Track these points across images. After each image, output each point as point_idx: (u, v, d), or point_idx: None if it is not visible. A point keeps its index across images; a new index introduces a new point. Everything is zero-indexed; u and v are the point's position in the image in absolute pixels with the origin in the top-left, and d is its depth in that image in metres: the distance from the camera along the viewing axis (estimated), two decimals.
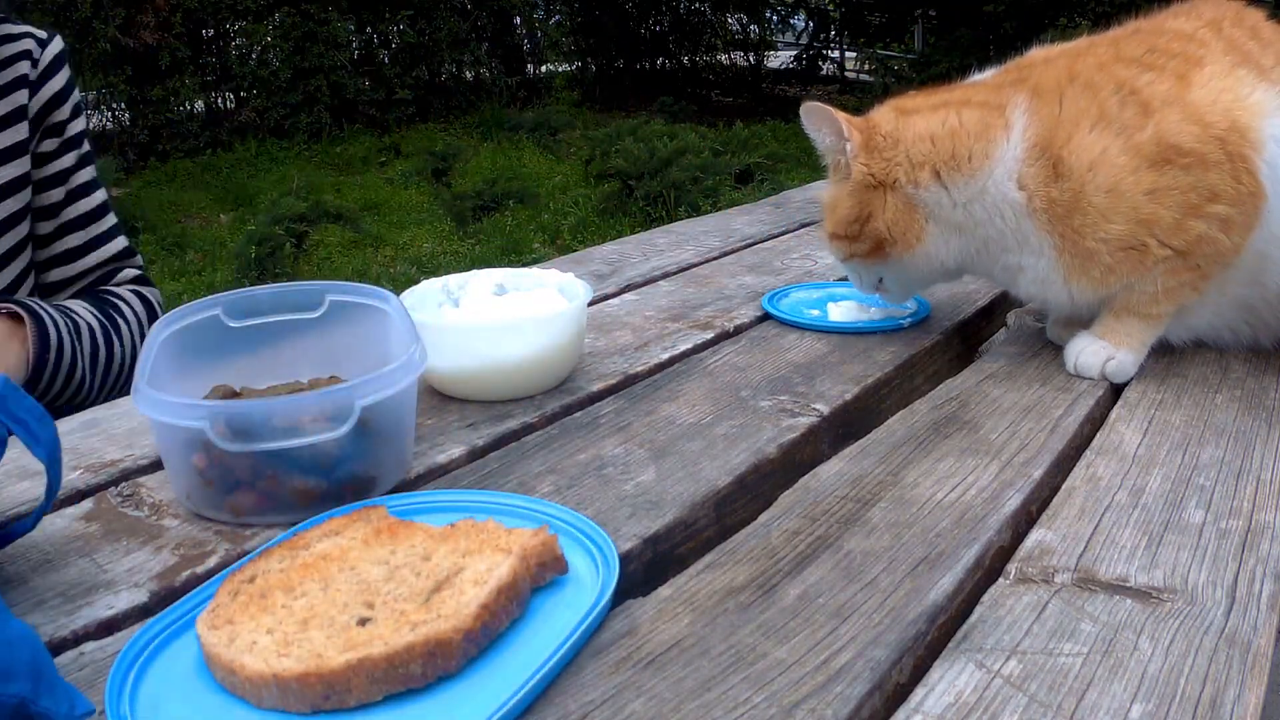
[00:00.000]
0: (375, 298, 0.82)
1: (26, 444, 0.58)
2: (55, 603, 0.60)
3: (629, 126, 6.06)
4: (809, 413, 0.86)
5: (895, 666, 0.54)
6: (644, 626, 0.57)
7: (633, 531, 0.67)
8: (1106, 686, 0.52)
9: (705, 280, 1.26)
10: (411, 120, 7.76)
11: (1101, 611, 0.59)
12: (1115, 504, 0.71)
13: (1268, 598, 0.60)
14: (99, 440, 0.81)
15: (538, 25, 9.57)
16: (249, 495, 0.68)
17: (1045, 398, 0.89)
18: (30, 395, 0.65)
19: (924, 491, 0.72)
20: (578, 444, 0.80)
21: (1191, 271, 0.90)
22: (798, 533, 0.67)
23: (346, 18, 7.67)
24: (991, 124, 0.91)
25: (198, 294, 3.48)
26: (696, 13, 10.10)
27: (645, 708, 0.50)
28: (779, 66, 10.64)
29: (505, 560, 0.57)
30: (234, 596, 0.56)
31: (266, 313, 0.82)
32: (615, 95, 9.21)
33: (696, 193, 5.13)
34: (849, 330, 1.05)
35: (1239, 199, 0.86)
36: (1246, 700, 0.51)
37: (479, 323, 0.89)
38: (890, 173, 0.93)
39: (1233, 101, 0.87)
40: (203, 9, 6.93)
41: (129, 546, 0.65)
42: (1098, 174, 0.87)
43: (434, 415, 0.85)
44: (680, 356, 1.00)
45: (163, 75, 6.75)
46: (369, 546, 0.60)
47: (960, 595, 0.61)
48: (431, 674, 0.51)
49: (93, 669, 0.54)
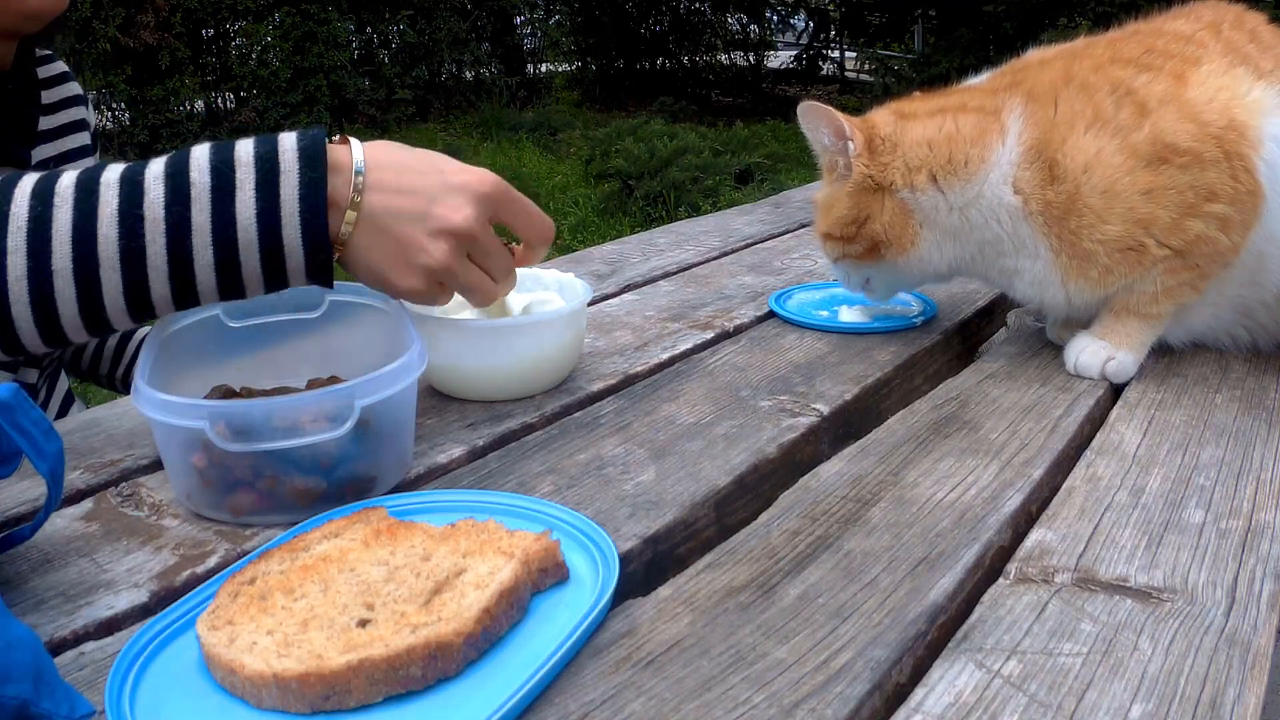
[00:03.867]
0: (375, 298, 0.82)
1: (30, 457, 0.58)
2: (55, 603, 0.60)
3: (629, 126, 6.06)
4: (809, 413, 0.86)
5: (895, 666, 0.54)
6: (644, 626, 0.57)
7: (633, 531, 0.67)
8: (1106, 686, 0.52)
9: (705, 280, 1.26)
10: (411, 120, 7.76)
11: (1101, 611, 0.59)
12: (1115, 504, 0.71)
13: (1268, 598, 0.60)
14: (99, 440, 0.81)
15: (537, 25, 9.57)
16: (249, 495, 0.68)
17: (1045, 398, 0.89)
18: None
19: (924, 491, 0.72)
20: (578, 444, 0.80)
21: (1191, 271, 0.90)
22: (798, 533, 0.67)
23: (346, 18, 7.67)
24: (987, 128, 0.91)
25: None
26: (696, 13, 10.11)
27: (645, 708, 0.50)
28: (779, 66, 10.65)
29: (507, 564, 0.57)
30: (234, 598, 0.56)
31: (266, 313, 0.82)
32: (615, 95, 9.21)
33: (696, 193, 5.13)
34: (852, 330, 1.06)
35: (1237, 198, 0.86)
36: (1246, 700, 0.51)
37: (479, 322, 0.89)
38: (888, 176, 0.93)
39: (1230, 99, 0.87)
40: (203, 9, 6.93)
41: (129, 546, 0.66)
42: (1093, 175, 0.87)
43: (434, 415, 0.85)
44: (680, 356, 1.00)
45: (163, 75, 6.75)
46: (369, 547, 0.61)
47: (960, 595, 0.61)
48: (431, 676, 0.51)
49: (93, 669, 0.54)
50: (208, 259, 0.71)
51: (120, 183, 0.71)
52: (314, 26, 7.21)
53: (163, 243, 0.70)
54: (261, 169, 0.72)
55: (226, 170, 0.72)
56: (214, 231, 0.71)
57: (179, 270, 0.71)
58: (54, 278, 0.70)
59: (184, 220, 0.71)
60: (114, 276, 0.71)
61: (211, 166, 0.72)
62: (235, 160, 0.72)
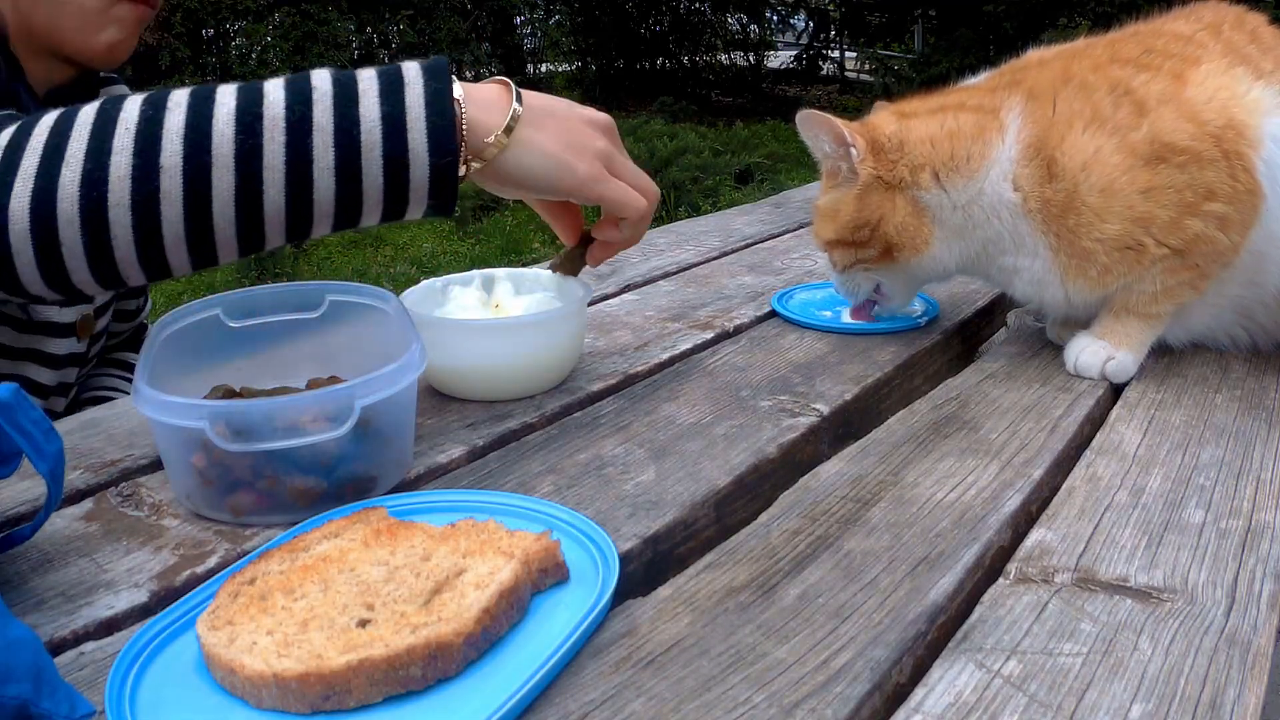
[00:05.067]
0: (375, 298, 0.82)
1: (30, 457, 0.58)
2: (55, 603, 0.60)
3: (629, 126, 6.06)
4: (809, 413, 0.86)
5: (895, 666, 0.54)
6: (644, 626, 0.57)
7: (633, 531, 0.67)
8: (1106, 686, 0.52)
9: (705, 280, 1.26)
10: None
11: (1101, 611, 0.59)
12: (1115, 504, 0.71)
13: (1268, 598, 0.60)
14: (99, 440, 0.81)
15: (537, 25, 9.57)
16: (249, 495, 0.68)
17: (1045, 398, 0.89)
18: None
19: (924, 491, 0.72)
20: (578, 444, 0.80)
21: (1190, 271, 0.90)
22: (798, 533, 0.67)
23: (346, 18, 7.67)
24: (987, 126, 0.91)
25: (198, 294, 3.48)
26: (696, 13, 10.11)
27: (645, 708, 0.50)
28: (779, 66, 10.65)
29: (507, 564, 0.57)
30: (234, 598, 0.56)
31: (266, 313, 0.82)
32: (615, 95, 9.21)
33: (696, 193, 5.14)
34: (853, 330, 1.05)
35: (1236, 197, 0.86)
36: (1246, 700, 0.51)
37: (479, 322, 0.89)
38: (898, 174, 0.93)
39: (1229, 99, 0.87)
40: (203, 9, 6.93)
41: (129, 546, 0.66)
42: (1091, 174, 0.87)
43: (434, 415, 0.85)
44: (680, 356, 1.00)
45: (163, 75, 6.75)
46: (368, 548, 0.61)
47: (960, 595, 0.61)
48: (431, 676, 0.51)
49: (93, 669, 0.54)
50: (328, 161, 0.68)
51: (238, 90, 0.69)
52: (314, 26, 7.21)
53: (282, 140, 0.67)
54: (385, 79, 0.71)
55: (348, 80, 0.70)
56: (336, 131, 0.68)
57: (297, 173, 0.67)
58: (160, 175, 0.65)
59: (305, 120, 0.68)
60: (227, 177, 0.66)
61: (333, 78, 0.71)
62: (357, 75, 0.72)
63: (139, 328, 1.25)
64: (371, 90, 0.70)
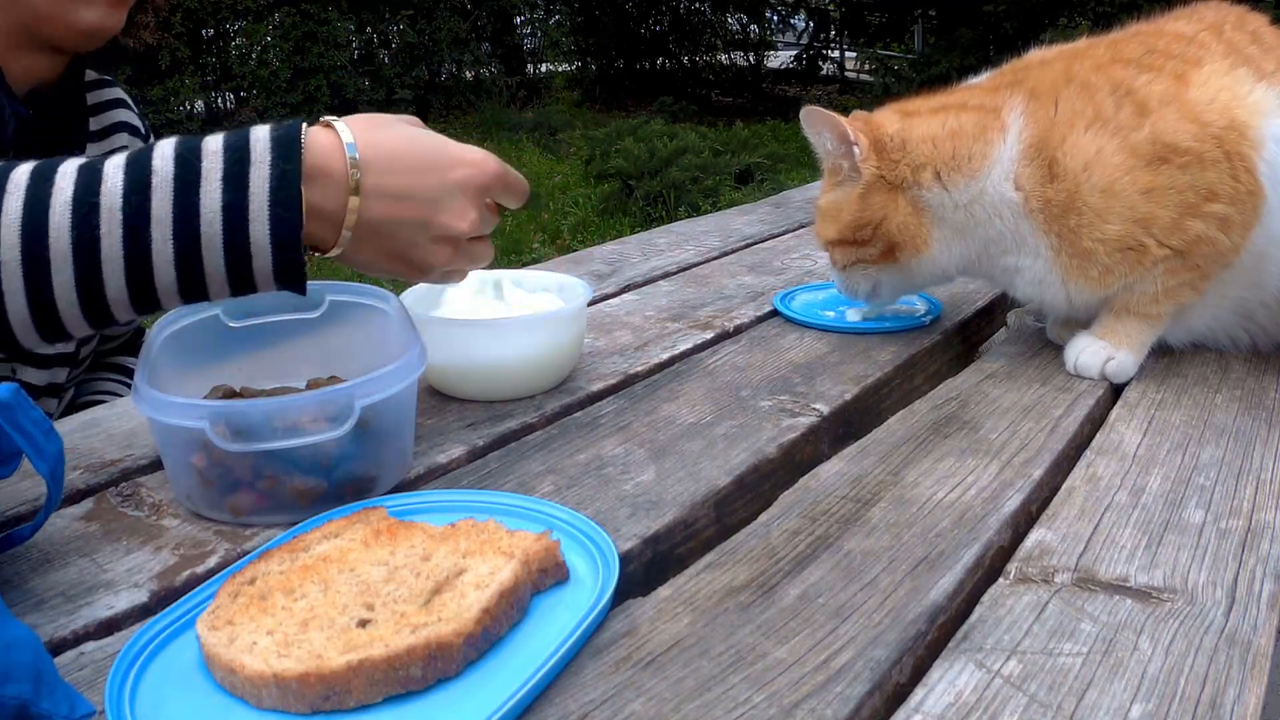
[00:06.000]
0: (375, 298, 0.82)
1: (30, 457, 0.58)
2: (55, 603, 0.60)
3: (629, 126, 6.06)
4: (809, 413, 0.86)
5: (895, 666, 0.54)
6: (644, 626, 0.57)
7: (633, 531, 0.67)
8: (1106, 686, 0.52)
9: (705, 280, 1.26)
10: None
11: (1101, 611, 0.59)
12: (1115, 504, 0.71)
13: (1268, 598, 0.60)
14: (99, 440, 0.81)
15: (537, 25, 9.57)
16: (249, 495, 0.68)
17: (1045, 398, 0.89)
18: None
19: (924, 491, 0.72)
20: (578, 444, 0.80)
21: (1191, 271, 0.90)
22: (798, 533, 0.67)
23: (346, 18, 7.67)
24: (989, 126, 0.91)
25: None
26: (696, 13, 10.12)
27: (645, 708, 0.50)
28: (779, 66, 10.65)
29: (507, 564, 0.57)
30: (234, 598, 0.56)
31: (266, 313, 0.81)
32: (615, 95, 9.21)
33: (696, 193, 5.13)
34: (854, 330, 1.05)
35: (1237, 198, 0.86)
36: (1246, 700, 0.51)
37: (479, 322, 0.89)
38: (900, 173, 0.93)
39: (1231, 100, 0.87)
40: (203, 9, 6.93)
41: (129, 546, 0.65)
42: (1093, 174, 0.87)
43: (434, 415, 0.85)
44: (680, 356, 1.00)
45: (163, 75, 6.75)
46: (368, 548, 0.61)
47: (960, 595, 0.61)
48: (431, 676, 0.51)
49: (93, 669, 0.54)
50: (168, 254, 0.66)
51: (78, 171, 0.66)
52: (314, 26, 7.21)
53: (119, 234, 0.65)
54: (230, 157, 0.67)
55: (192, 158, 0.67)
56: (175, 222, 0.66)
57: (137, 265, 0.66)
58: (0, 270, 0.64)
59: (143, 210, 0.65)
60: (66, 269, 0.65)
61: (176, 155, 0.67)
62: (202, 149, 0.67)
63: (136, 331, 1.24)
64: (215, 172, 0.66)
